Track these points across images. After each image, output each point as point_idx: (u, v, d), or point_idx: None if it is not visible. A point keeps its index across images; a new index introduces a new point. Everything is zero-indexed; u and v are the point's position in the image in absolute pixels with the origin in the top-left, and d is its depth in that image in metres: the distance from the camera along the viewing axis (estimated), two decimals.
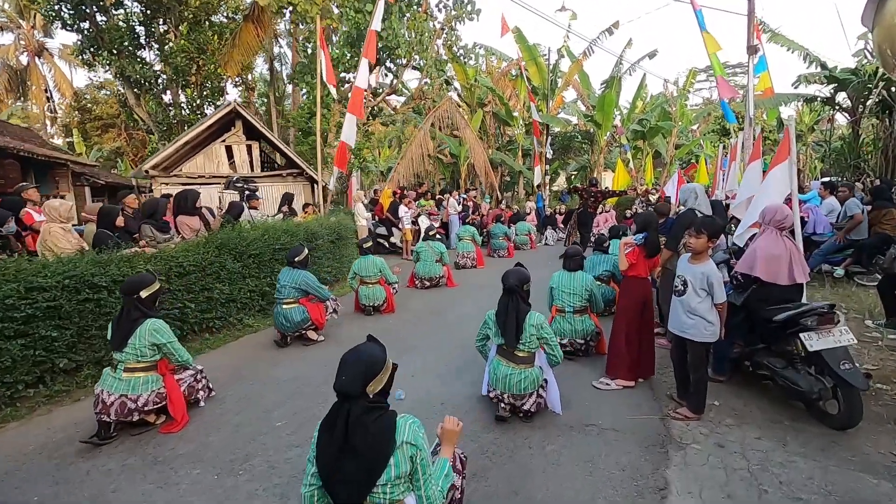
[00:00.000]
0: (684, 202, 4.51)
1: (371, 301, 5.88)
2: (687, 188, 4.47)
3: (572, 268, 4.27)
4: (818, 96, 13.86)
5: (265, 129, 9.47)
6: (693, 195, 4.41)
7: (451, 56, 13.52)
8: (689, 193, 4.44)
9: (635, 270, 3.66)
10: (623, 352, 3.66)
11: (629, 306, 3.69)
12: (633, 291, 3.68)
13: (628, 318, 3.66)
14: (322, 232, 7.41)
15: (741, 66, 37.23)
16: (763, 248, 3.38)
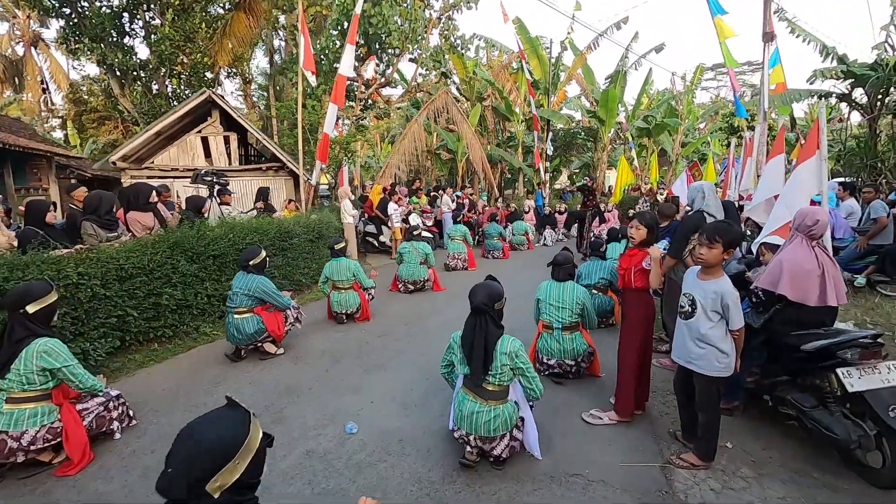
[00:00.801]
0: (691, 202, 3.93)
1: (344, 308, 5.34)
2: (694, 187, 3.89)
3: (562, 277, 3.70)
4: (833, 92, 13.15)
5: (244, 119, 8.92)
6: (700, 194, 3.82)
7: (448, 47, 12.91)
8: (696, 192, 3.86)
9: (639, 280, 3.08)
10: (634, 385, 3.09)
11: (638, 322, 3.10)
12: (638, 305, 3.10)
13: (640, 339, 3.09)
14: (298, 230, 6.87)
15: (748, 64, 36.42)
16: (790, 261, 2.81)
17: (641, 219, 3.08)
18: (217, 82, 17.69)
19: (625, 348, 3.12)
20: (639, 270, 3.06)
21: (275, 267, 6.24)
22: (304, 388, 3.68)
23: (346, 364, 4.17)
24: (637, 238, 3.06)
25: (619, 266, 3.23)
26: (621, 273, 3.19)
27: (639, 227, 3.05)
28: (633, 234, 3.08)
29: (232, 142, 9.01)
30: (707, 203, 3.78)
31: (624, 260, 3.17)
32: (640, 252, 3.07)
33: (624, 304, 3.24)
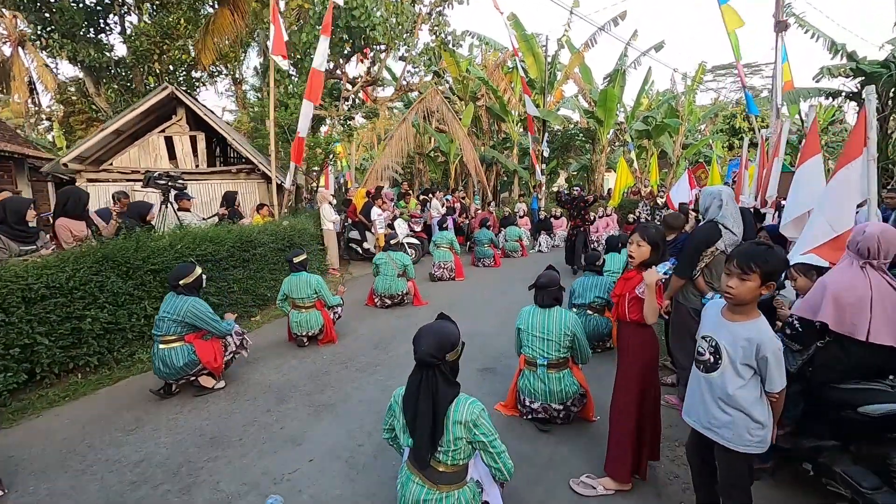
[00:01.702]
0: (704, 210, 3.28)
1: (304, 329, 4.68)
2: (710, 192, 3.24)
3: (546, 303, 3.05)
4: (842, 91, 12.54)
5: (212, 117, 8.26)
6: (717, 202, 3.18)
7: (439, 44, 12.29)
8: (711, 199, 3.21)
9: (636, 311, 2.44)
10: (630, 440, 2.43)
11: (635, 366, 2.46)
12: (636, 343, 2.46)
13: (638, 387, 2.44)
14: (264, 238, 6.22)
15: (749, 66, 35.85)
16: (836, 283, 2.19)
17: (644, 233, 2.43)
18: (201, 81, 17.11)
19: (620, 398, 2.47)
20: (634, 299, 2.42)
21: (234, 280, 5.59)
22: (233, 438, 3.03)
23: (293, 403, 3.51)
24: (637, 257, 2.42)
25: (613, 292, 2.59)
26: (615, 300, 2.55)
27: (640, 244, 2.41)
28: (632, 251, 2.44)
29: (199, 142, 8.37)
30: (724, 213, 3.14)
31: (619, 285, 2.53)
32: (637, 275, 2.44)
33: (619, 340, 2.59)
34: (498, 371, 4.08)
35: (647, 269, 2.40)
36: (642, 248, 2.41)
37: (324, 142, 9.74)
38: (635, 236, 2.44)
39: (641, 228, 2.45)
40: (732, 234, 3.13)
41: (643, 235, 2.41)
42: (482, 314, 5.93)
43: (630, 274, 2.47)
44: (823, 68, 10.88)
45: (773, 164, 4.39)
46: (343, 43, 10.59)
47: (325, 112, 11.48)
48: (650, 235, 2.41)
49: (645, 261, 2.41)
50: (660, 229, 2.50)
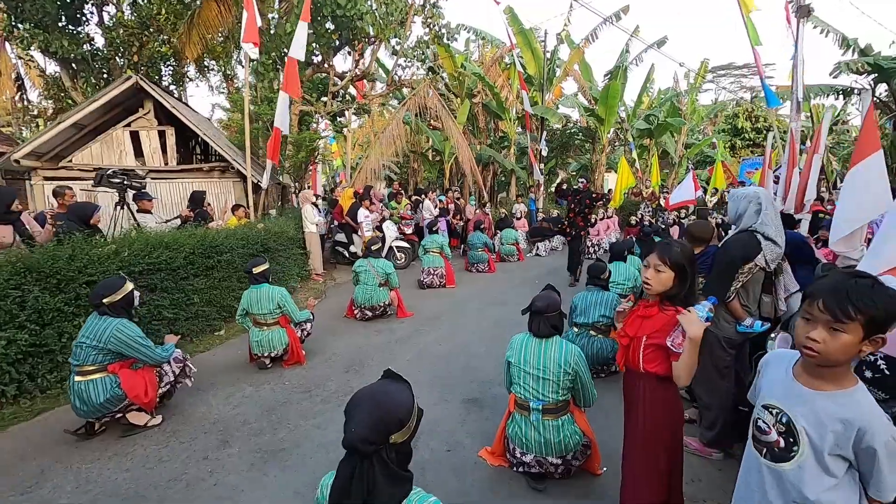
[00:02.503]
0: (736, 217, 2.69)
1: (266, 349, 4.08)
2: (743, 195, 2.66)
3: (542, 332, 2.45)
4: (854, 88, 12.00)
5: (181, 110, 7.63)
6: (753, 206, 2.59)
7: (433, 37, 11.70)
8: (745, 203, 2.62)
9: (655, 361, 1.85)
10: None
11: (652, 430, 1.88)
12: (654, 401, 1.87)
13: (659, 449, 1.86)
14: (232, 243, 5.62)
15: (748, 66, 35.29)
16: None
17: (665, 254, 1.80)
18: (188, 77, 16.50)
19: (633, 463, 1.90)
20: (654, 346, 1.83)
21: (195, 291, 4.99)
22: (151, 498, 2.43)
23: (237, 447, 2.92)
24: (655, 286, 1.82)
25: (619, 330, 2.00)
26: (622, 342, 1.97)
27: (659, 269, 1.81)
28: (649, 278, 1.82)
29: (168, 137, 7.74)
30: (763, 220, 2.55)
31: (630, 322, 1.94)
32: (658, 312, 1.84)
33: (628, 391, 2.01)
34: (485, 403, 3.49)
35: (670, 304, 1.82)
36: (663, 274, 1.81)
37: (306, 139, 9.13)
38: (653, 258, 1.82)
39: (662, 248, 1.83)
40: (775, 245, 2.54)
41: (665, 257, 1.80)
42: (472, 328, 5.34)
43: (646, 309, 1.87)
44: (841, 63, 10.34)
45: (811, 161, 3.80)
46: (329, 34, 9.99)
47: (311, 108, 10.89)
48: (674, 257, 1.80)
49: (667, 291, 1.82)
50: (686, 248, 1.88)
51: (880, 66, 10.33)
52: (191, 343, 4.83)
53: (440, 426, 3.17)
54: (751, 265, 2.57)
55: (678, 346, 1.74)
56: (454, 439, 2.99)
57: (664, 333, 1.79)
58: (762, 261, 2.56)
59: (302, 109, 11.08)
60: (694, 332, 1.66)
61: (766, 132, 24.32)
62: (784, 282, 2.64)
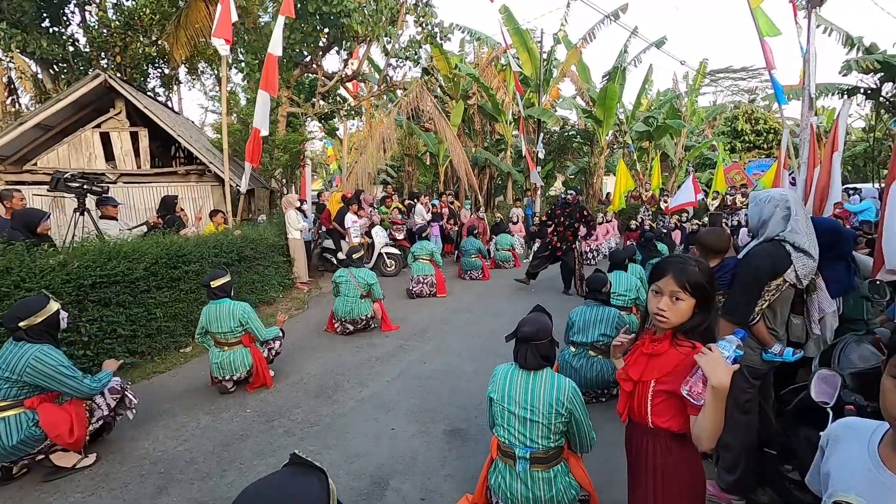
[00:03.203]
0: (759, 224, 2.28)
1: (228, 372, 3.65)
2: (767, 197, 2.25)
3: (530, 363, 2.03)
4: (861, 87, 11.64)
5: (154, 110, 7.21)
6: (781, 211, 2.18)
7: (425, 37, 11.35)
8: (771, 207, 2.21)
9: (666, 414, 1.43)
10: None
11: (666, 491, 1.46)
12: (667, 465, 1.45)
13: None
14: (202, 252, 5.20)
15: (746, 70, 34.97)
16: None
17: (684, 276, 1.37)
18: (177, 79, 16.16)
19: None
20: (665, 394, 1.41)
21: (157, 305, 4.57)
22: None
23: (175, 495, 2.49)
24: (672, 319, 1.39)
25: (620, 371, 1.58)
26: (624, 386, 1.54)
27: (677, 295, 1.38)
28: (663, 310, 1.39)
29: (142, 139, 7.32)
30: (793, 228, 2.14)
31: (633, 361, 1.52)
32: (670, 349, 1.42)
33: (632, 446, 1.59)
34: (471, 434, 3.07)
35: (687, 337, 1.40)
36: (682, 303, 1.38)
37: (287, 141, 8.73)
38: (668, 284, 1.39)
39: (679, 270, 1.39)
40: (808, 257, 2.13)
41: (683, 281, 1.37)
42: (461, 343, 4.92)
43: (657, 347, 1.45)
44: (850, 61, 9.97)
45: (830, 160, 3.39)
46: (317, 32, 9.64)
47: (299, 109, 10.52)
48: (693, 279, 1.37)
49: (683, 324, 1.41)
50: (704, 266, 1.45)
51: (889, 64, 9.98)
52: (151, 362, 4.41)
53: (417, 465, 2.75)
54: (779, 281, 2.16)
55: (697, 396, 1.31)
56: (431, 484, 2.57)
57: (678, 377, 1.37)
58: (792, 276, 2.14)
59: (289, 111, 10.72)
60: (718, 378, 1.24)
61: (767, 134, 24.05)
62: (818, 301, 2.23)
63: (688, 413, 1.37)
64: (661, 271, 1.43)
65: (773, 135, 23.93)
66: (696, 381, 1.32)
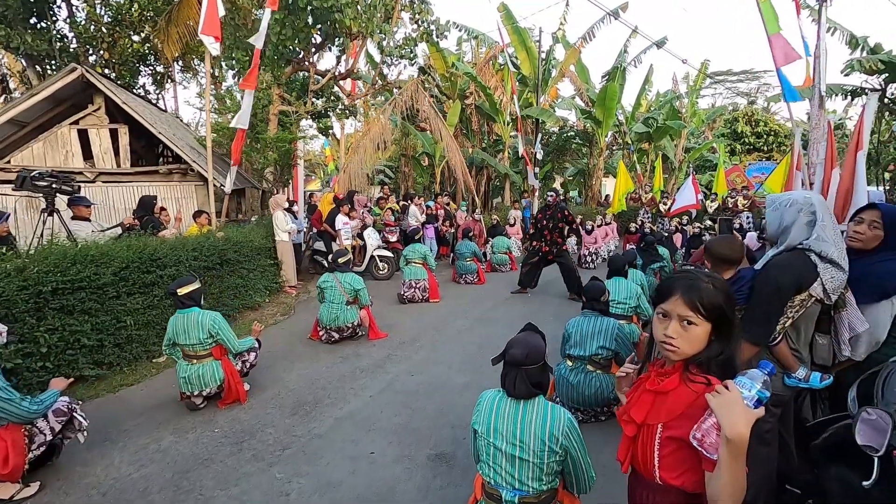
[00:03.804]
0: (779, 230, 2.02)
1: (196, 387, 3.37)
2: (789, 201, 1.98)
3: (520, 391, 1.76)
4: (865, 88, 11.41)
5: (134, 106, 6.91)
6: (806, 215, 1.92)
7: (422, 34, 11.09)
8: (793, 212, 1.95)
9: (677, 469, 1.16)
10: None
11: None
12: None
13: None
14: (178, 255, 4.91)
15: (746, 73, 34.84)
16: None
17: (696, 295, 1.12)
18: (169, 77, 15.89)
19: None
20: (675, 442, 1.14)
21: (128, 312, 4.28)
22: None
23: None
24: (683, 348, 1.14)
25: (621, 410, 1.31)
26: (626, 430, 1.27)
27: (690, 319, 1.13)
28: (671, 337, 1.14)
29: (122, 136, 7.03)
30: (820, 235, 1.88)
31: (637, 399, 1.25)
32: (680, 385, 1.16)
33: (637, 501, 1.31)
34: (458, 461, 2.79)
35: (696, 367, 1.14)
36: (695, 328, 1.12)
37: (276, 140, 8.46)
38: (677, 305, 1.13)
39: (688, 287, 1.14)
40: (837, 269, 1.87)
41: (695, 301, 1.11)
42: (452, 353, 4.64)
43: (665, 383, 1.18)
44: (853, 61, 9.75)
45: (854, 159, 3.12)
46: (309, 28, 9.36)
47: (290, 107, 10.25)
48: (707, 299, 1.11)
49: (698, 354, 1.14)
50: (721, 282, 1.19)
51: (895, 65, 9.75)
52: (120, 373, 4.12)
53: (396, 496, 2.48)
54: (803, 296, 1.89)
55: (711, 447, 1.03)
56: None
57: (690, 421, 1.10)
58: (819, 290, 1.88)
59: (281, 109, 10.44)
60: (734, 427, 0.96)
61: (767, 136, 23.84)
62: (847, 318, 1.96)
63: (700, 469, 1.10)
64: (667, 290, 1.16)
65: (772, 137, 23.75)
66: (709, 428, 1.05)
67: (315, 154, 28.65)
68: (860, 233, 2.01)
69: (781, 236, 2.01)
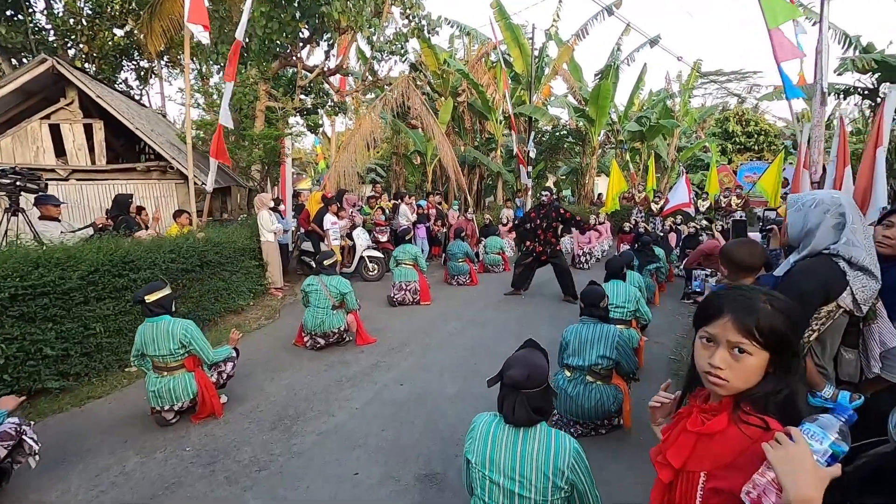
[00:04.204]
0: (803, 233, 1.83)
1: (167, 401, 3.12)
2: (814, 201, 1.80)
3: (519, 417, 1.55)
4: (857, 88, 11.40)
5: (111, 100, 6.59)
6: (833, 217, 1.74)
7: (413, 30, 10.85)
8: (819, 213, 1.76)
9: None
10: None
11: None
12: None
13: None
14: (154, 258, 4.64)
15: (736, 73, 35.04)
16: None
17: (751, 317, 0.91)
18: (154, 72, 15.48)
19: None
20: (720, 496, 0.93)
21: (97, 318, 4.01)
22: None
23: None
24: (734, 382, 0.93)
25: (655, 450, 1.10)
26: (661, 474, 1.06)
27: (742, 346, 0.92)
28: (717, 367, 0.93)
29: (97, 132, 6.70)
30: (849, 239, 1.69)
31: (675, 443, 1.03)
32: (729, 426, 0.95)
33: None
34: (448, 482, 2.58)
35: (750, 404, 0.94)
36: (749, 358, 0.92)
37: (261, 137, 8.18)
38: (725, 326, 0.94)
39: (741, 304, 0.94)
40: (871, 277, 1.69)
41: (747, 323, 0.92)
42: (444, 359, 4.43)
43: (711, 422, 0.98)
44: (847, 60, 9.70)
45: (873, 156, 2.95)
46: (296, 22, 9.07)
47: (276, 103, 9.95)
48: (766, 322, 0.92)
49: (753, 389, 0.94)
50: (784, 303, 0.98)
51: (888, 64, 9.71)
52: (88, 384, 3.86)
53: None
54: (831, 307, 1.71)
55: (754, 500, 0.84)
56: None
57: (741, 473, 0.90)
58: (848, 300, 1.69)
59: (268, 105, 10.14)
60: (800, 490, 0.77)
61: (758, 136, 23.94)
62: (878, 332, 1.78)
63: None
64: (714, 310, 0.96)
65: (763, 137, 23.85)
66: (766, 485, 0.85)
67: (306, 152, 28.24)
68: (890, 237, 1.83)
69: (805, 240, 1.82)
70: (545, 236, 6.68)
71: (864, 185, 3.05)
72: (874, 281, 1.70)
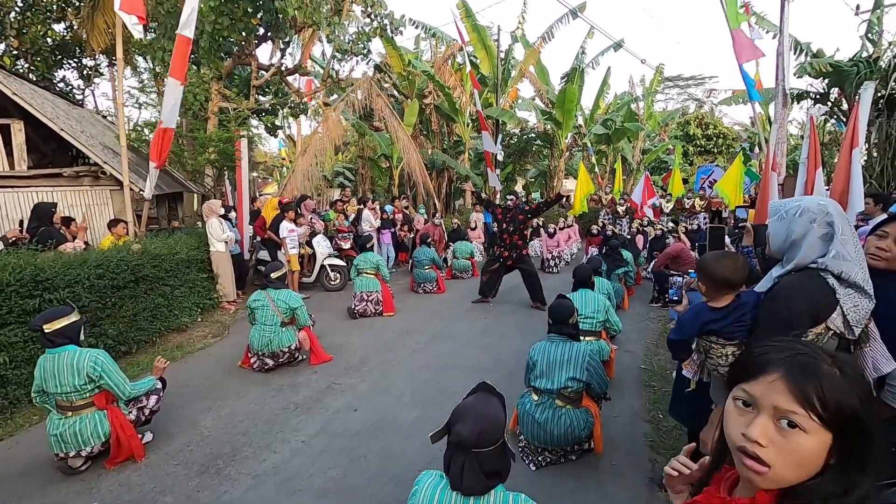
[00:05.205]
0: (786, 244, 1.62)
1: (73, 447, 2.66)
2: (798, 209, 1.59)
3: (470, 485, 1.25)
4: (810, 92, 11.80)
5: (30, 98, 5.92)
6: (820, 227, 1.53)
7: (375, 29, 10.49)
8: (804, 222, 1.55)
9: None
10: None
11: None
12: None
13: None
14: (75, 275, 4.11)
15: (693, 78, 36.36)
16: None
17: (807, 379, 0.64)
18: (98, 71, 14.47)
19: None
20: None
21: (2, 347, 3.48)
22: None
23: None
24: (777, 467, 0.65)
25: None
26: None
27: (797, 419, 0.64)
28: (754, 445, 0.66)
29: (16, 134, 6.01)
30: (839, 251, 1.48)
31: None
32: None
33: None
34: None
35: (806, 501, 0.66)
36: (803, 437, 0.64)
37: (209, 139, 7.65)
38: (773, 386, 0.66)
39: (797, 362, 0.66)
40: (863, 295, 1.48)
41: (805, 387, 0.64)
42: (404, 378, 4.10)
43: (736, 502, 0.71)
44: (803, 64, 9.99)
45: (849, 158, 2.83)
46: (248, 17, 8.56)
47: (229, 104, 9.38)
48: (834, 393, 0.63)
49: (807, 484, 0.65)
50: (855, 370, 0.69)
51: (840, 69, 10.04)
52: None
53: None
54: (820, 329, 1.50)
55: None
56: None
57: None
58: (839, 322, 1.49)
59: (221, 106, 9.56)
60: None
61: (717, 138, 24.77)
62: (871, 356, 1.58)
63: None
64: (758, 363, 0.68)
65: (722, 139, 24.70)
66: None
67: (271, 156, 27.33)
68: (884, 249, 1.64)
69: (789, 252, 1.61)
70: (511, 240, 6.49)
71: (841, 189, 2.93)
72: (867, 299, 1.49)
